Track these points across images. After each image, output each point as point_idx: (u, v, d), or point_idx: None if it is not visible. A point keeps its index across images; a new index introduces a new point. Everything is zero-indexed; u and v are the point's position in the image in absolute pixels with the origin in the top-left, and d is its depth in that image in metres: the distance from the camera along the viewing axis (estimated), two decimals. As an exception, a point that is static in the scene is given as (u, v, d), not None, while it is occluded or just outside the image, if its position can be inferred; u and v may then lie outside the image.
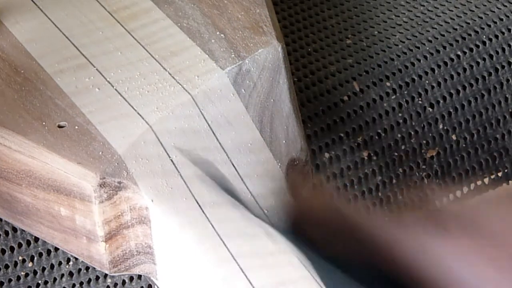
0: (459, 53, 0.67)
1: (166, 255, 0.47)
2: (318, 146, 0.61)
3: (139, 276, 0.57)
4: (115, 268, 0.48)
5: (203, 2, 0.57)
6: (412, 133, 0.64)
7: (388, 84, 0.64)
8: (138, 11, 0.57)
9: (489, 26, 0.69)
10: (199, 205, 0.47)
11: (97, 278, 0.57)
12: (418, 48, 0.66)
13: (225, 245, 0.46)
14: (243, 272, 0.45)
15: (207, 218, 0.47)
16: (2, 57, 0.53)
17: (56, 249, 0.55)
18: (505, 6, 0.70)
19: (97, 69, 0.52)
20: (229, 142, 0.49)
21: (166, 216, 0.46)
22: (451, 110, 0.66)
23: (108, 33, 0.55)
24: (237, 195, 0.48)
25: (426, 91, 0.65)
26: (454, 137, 0.66)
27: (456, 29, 0.68)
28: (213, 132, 0.49)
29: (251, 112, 0.51)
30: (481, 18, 0.69)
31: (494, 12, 0.69)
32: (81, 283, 0.56)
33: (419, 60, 0.66)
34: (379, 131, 0.63)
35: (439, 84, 0.66)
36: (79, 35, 0.55)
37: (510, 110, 0.68)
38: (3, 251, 0.54)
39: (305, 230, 0.46)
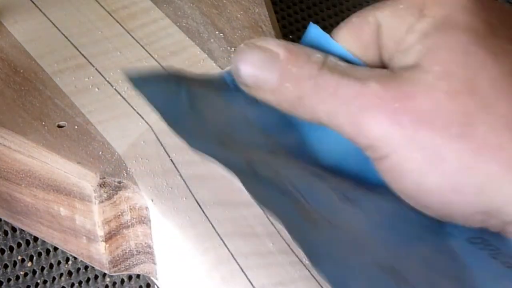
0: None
1: (166, 255, 0.47)
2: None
3: (138, 275, 0.57)
4: (115, 268, 0.48)
5: (202, 2, 0.57)
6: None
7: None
8: (137, 11, 0.57)
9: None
10: (199, 205, 0.47)
11: (96, 277, 0.57)
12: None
13: (225, 244, 0.46)
14: (243, 271, 0.45)
15: (207, 217, 0.46)
16: (1, 57, 0.53)
17: (55, 248, 0.55)
18: (504, 6, 0.70)
19: (96, 69, 0.52)
20: (228, 142, 0.49)
21: (166, 216, 0.46)
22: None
23: (107, 33, 0.55)
24: (237, 194, 0.48)
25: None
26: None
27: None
28: (212, 132, 0.49)
29: (250, 111, 0.51)
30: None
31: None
32: (80, 282, 0.56)
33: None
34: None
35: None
36: (78, 34, 0.55)
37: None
38: (2, 251, 0.54)
39: None
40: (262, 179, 0.35)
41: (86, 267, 0.56)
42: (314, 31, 0.38)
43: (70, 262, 0.55)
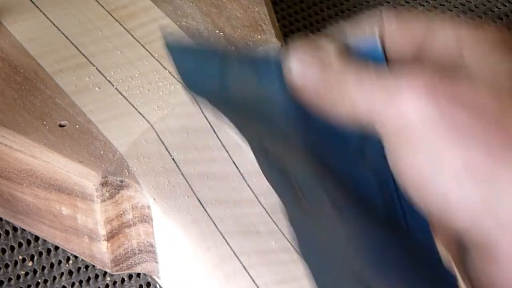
0: (458, 51, 0.67)
1: (168, 254, 0.47)
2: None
3: (138, 274, 0.57)
4: (117, 267, 0.48)
5: (202, 1, 0.57)
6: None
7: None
8: (136, 10, 0.57)
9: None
10: (201, 203, 0.47)
11: (96, 276, 0.57)
12: (418, 46, 0.66)
13: (227, 242, 0.46)
14: (245, 269, 0.45)
15: (209, 216, 0.47)
16: (2, 57, 0.53)
17: (56, 248, 0.55)
18: (505, 6, 0.70)
19: (96, 68, 0.52)
20: (230, 140, 0.49)
21: (168, 215, 0.46)
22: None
23: (107, 32, 0.55)
24: (239, 193, 0.48)
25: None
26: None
27: (455, 28, 0.68)
28: (213, 130, 0.49)
29: (251, 110, 0.51)
30: (481, 18, 0.69)
31: (494, 12, 0.70)
32: (80, 282, 0.56)
33: (418, 59, 0.66)
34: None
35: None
36: (78, 34, 0.55)
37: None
38: (4, 251, 0.54)
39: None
40: (268, 156, 0.35)
41: (86, 266, 0.56)
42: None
43: (70, 262, 0.55)
